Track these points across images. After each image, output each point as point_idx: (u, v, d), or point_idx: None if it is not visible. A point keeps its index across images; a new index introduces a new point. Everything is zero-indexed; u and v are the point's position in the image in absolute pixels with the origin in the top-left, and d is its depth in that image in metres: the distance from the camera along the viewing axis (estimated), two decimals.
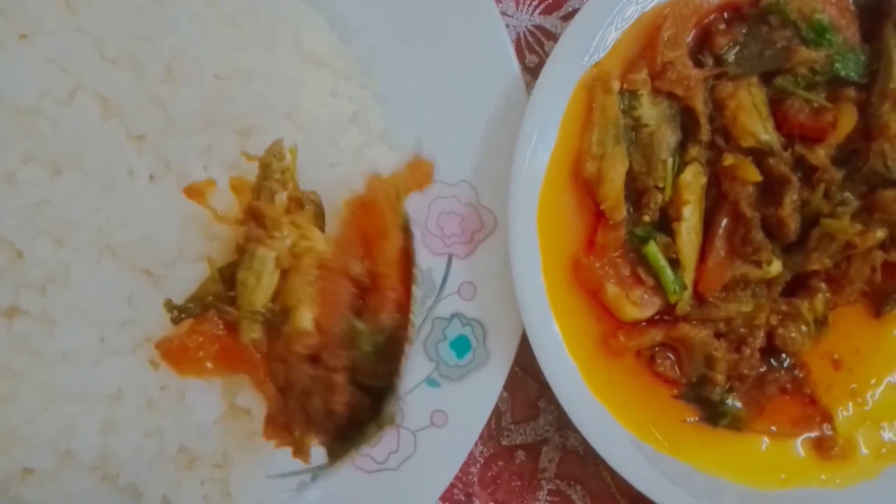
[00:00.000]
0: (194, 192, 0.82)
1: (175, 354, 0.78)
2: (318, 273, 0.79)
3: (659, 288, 0.90)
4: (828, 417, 0.95)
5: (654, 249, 0.90)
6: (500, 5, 1.06)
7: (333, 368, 0.79)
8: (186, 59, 0.83)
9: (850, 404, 0.96)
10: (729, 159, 0.89)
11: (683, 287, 0.89)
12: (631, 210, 0.92)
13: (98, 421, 0.80)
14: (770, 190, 0.90)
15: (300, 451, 0.79)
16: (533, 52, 1.07)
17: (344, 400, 0.78)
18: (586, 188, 0.92)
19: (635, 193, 0.92)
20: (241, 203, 0.81)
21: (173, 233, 0.82)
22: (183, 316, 0.80)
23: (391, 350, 0.78)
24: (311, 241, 0.81)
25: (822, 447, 0.94)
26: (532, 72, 1.06)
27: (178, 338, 0.78)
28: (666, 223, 0.91)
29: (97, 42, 0.83)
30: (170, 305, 0.79)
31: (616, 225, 0.91)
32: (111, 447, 0.81)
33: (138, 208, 0.82)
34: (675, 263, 0.90)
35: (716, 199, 0.92)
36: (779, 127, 0.92)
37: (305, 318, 0.78)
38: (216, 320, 0.79)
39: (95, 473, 0.85)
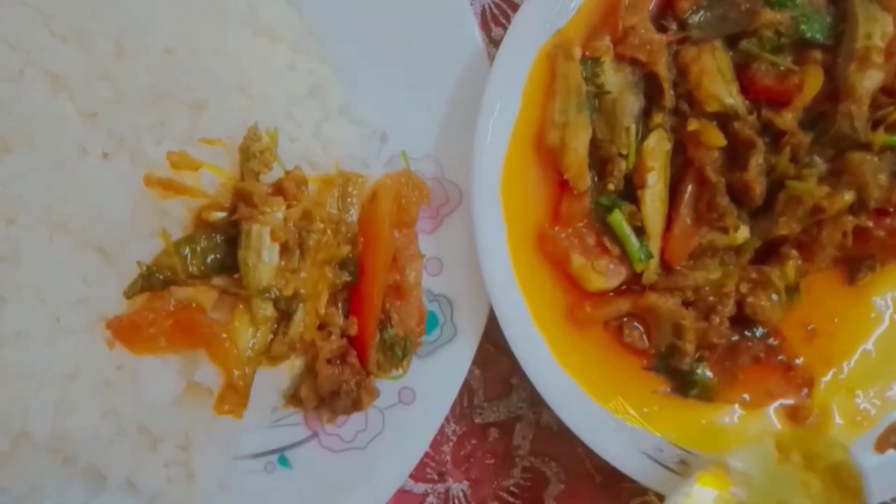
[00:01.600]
0: (171, 185, 0.81)
1: (127, 332, 0.77)
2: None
3: (625, 257, 0.89)
4: (809, 382, 0.93)
5: (618, 218, 0.88)
6: None
7: (367, 372, 0.88)
8: (135, 34, 0.82)
9: (826, 373, 0.94)
10: (693, 124, 0.88)
11: (649, 255, 0.88)
12: (595, 179, 0.91)
13: (52, 401, 0.79)
14: (735, 155, 0.88)
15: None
16: (499, 24, 1.06)
17: (373, 400, 0.90)
18: (550, 158, 0.91)
19: (599, 162, 0.90)
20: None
21: (125, 209, 0.80)
22: (139, 289, 0.79)
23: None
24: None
25: (797, 417, 0.92)
26: (498, 44, 1.03)
27: (129, 315, 0.77)
28: (631, 191, 0.90)
29: (46, 18, 0.82)
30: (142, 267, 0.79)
31: (580, 194, 0.89)
32: (67, 428, 0.80)
33: (90, 185, 0.81)
34: (640, 232, 0.89)
35: (681, 166, 0.90)
36: (745, 91, 0.90)
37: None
38: (168, 297, 0.78)
39: (56, 456, 0.84)
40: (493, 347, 1.01)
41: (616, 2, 0.91)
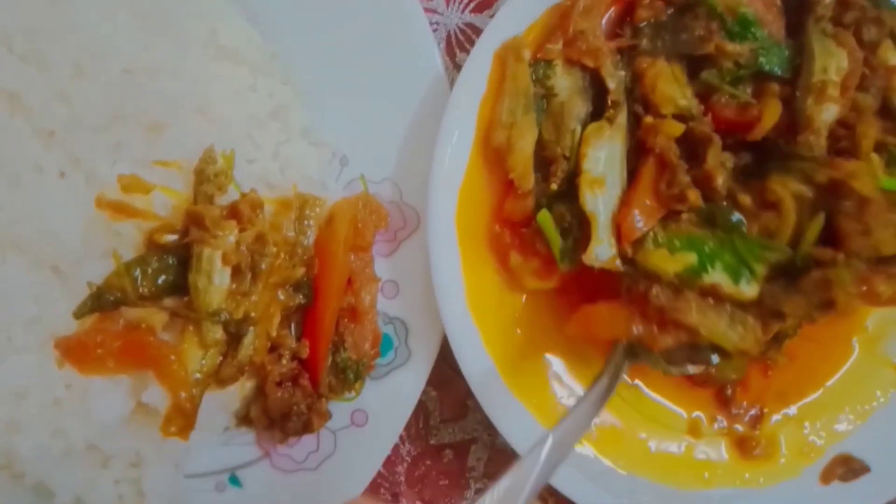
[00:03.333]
0: (122, 208, 0.82)
1: (75, 352, 0.78)
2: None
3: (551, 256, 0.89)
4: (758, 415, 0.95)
5: (545, 216, 0.88)
6: (429, 3, 1.05)
7: (318, 395, 0.89)
8: (94, 55, 0.83)
9: (779, 409, 0.95)
10: (650, 119, 0.87)
11: (573, 260, 0.87)
12: (541, 179, 0.91)
13: (2, 419, 0.80)
14: (693, 154, 0.87)
15: None
16: (463, 50, 1.07)
17: (325, 423, 0.90)
18: (497, 159, 0.91)
19: (545, 162, 0.91)
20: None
21: (79, 229, 0.81)
22: (88, 310, 0.80)
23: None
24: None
25: (744, 447, 0.93)
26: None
27: (77, 335, 0.78)
28: (575, 192, 0.88)
29: (4, 37, 0.83)
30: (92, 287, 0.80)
31: (524, 194, 0.89)
32: (16, 445, 0.80)
33: (45, 205, 0.81)
34: (568, 232, 0.88)
35: (639, 155, 0.89)
36: None
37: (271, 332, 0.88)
38: (117, 317, 0.79)
39: (4, 473, 0.84)
40: (451, 370, 1.01)
41: (570, 5, 0.91)
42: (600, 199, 0.87)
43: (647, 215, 0.86)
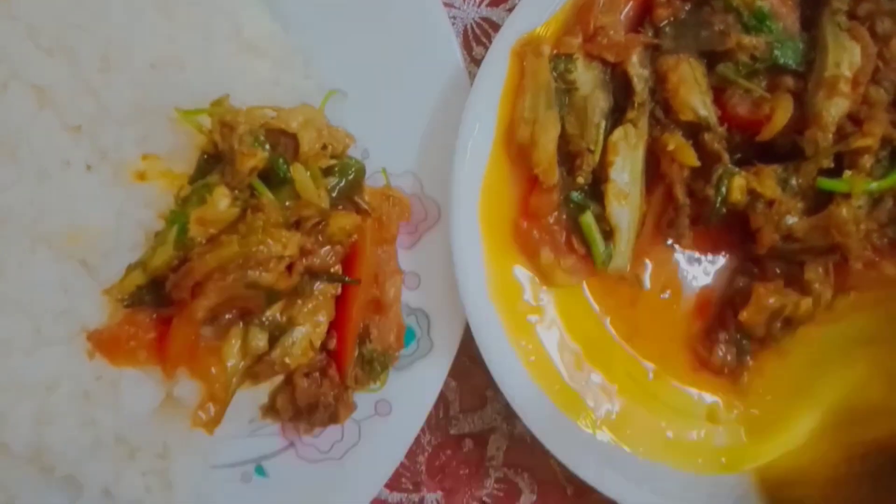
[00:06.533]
0: None
1: (107, 344, 0.79)
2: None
3: (589, 257, 0.92)
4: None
5: (589, 220, 0.91)
6: None
7: (345, 386, 0.90)
8: (121, 49, 0.84)
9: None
10: (671, 143, 0.90)
11: (610, 257, 0.91)
12: (565, 173, 0.93)
13: (32, 412, 0.80)
14: (703, 165, 0.91)
15: None
16: (480, 44, 1.08)
17: (351, 414, 0.91)
18: (520, 154, 0.92)
19: (569, 156, 0.93)
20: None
21: (106, 222, 0.82)
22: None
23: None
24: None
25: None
26: (479, 63, 1.05)
27: (110, 328, 0.79)
28: (599, 187, 0.92)
29: (32, 31, 0.83)
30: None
31: (549, 188, 0.91)
32: (45, 438, 0.81)
33: (74, 198, 0.82)
34: (608, 235, 0.92)
35: (654, 176, 0.93)
36: (719, 119, 0.92)
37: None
38: (149, 311, 0.80)
39: (33, 465, 0.85)
40: (470, 360, 1.03)
41: (591, 1, 0.92)
42: (625, 212, 0.90)
43: (643, 244, 0.95)
